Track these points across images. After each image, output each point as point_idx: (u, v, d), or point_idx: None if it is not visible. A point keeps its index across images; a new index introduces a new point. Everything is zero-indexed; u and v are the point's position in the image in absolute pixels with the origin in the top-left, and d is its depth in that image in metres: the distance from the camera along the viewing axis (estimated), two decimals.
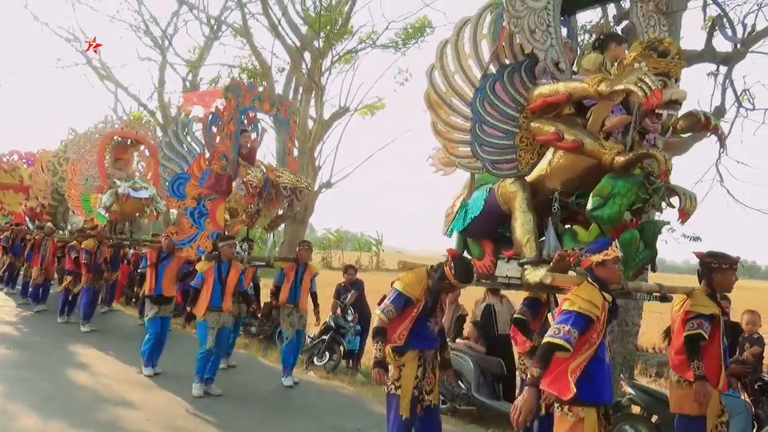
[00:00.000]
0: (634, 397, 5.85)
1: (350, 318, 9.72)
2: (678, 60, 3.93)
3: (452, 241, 5.38)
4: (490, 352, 7.56)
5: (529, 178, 4.59)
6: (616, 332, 7.84)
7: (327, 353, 9.55)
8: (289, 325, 8.13)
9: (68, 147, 13.71)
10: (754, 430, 5.67)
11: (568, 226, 4.59)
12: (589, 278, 3.76)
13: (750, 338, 6.14)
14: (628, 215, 4.08)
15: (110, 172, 11.25)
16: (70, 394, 7.05)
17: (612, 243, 3.75)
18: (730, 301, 5.48)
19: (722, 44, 11.38)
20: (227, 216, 8.54)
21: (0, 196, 16.39)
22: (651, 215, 4.90)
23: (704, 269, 4.54)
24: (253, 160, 8.63)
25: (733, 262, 4.49)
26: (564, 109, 4.32)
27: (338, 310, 9.84)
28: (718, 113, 9.01)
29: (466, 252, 5.24)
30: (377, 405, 7.39)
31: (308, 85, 17.96)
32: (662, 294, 4.36)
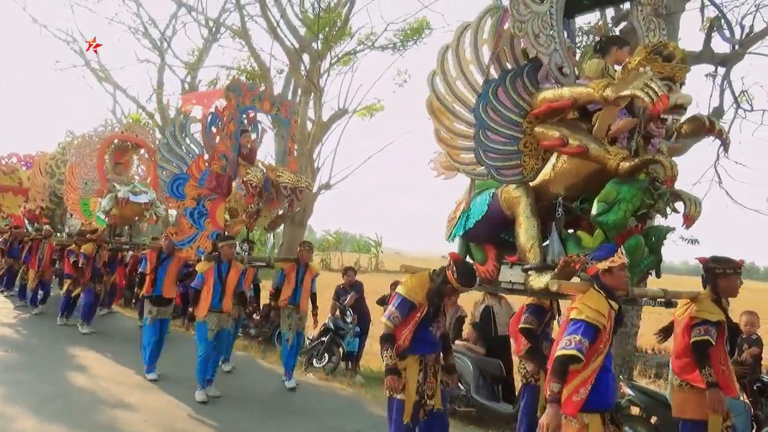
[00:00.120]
0: (634, 398, 5.85)
1: (349, 320, 9.71)
2: (683, 64, 3.91)
3: (452, 244, 5.35)
4: (489, 353, 7.54)
5: (533, 183, 4.56)
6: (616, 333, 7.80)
7: (326, 355, 9.54)
8: (289, 327, 8.09)
9: (66, 149, 13.72)
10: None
11: (571, 231, 4.56)
12: (595, 285, 3.74)
13: (748, 339, 6.14)
14: (633, 221, 4.06)
15: (110, 176, 11.23)
16: (69, 397, 7.03)
17: (618, 250, 3.73)
18: (729, 302, 5.48)
19: (720, 45, 11.42)
20: (227, 216, 8.50)
21: None
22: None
23: (708, 275, 4.51)
24: (253, 160, 8.60)
25: (738, 266, 4.46)
26: (568, 114, 4.30)
27: (337, 312, 9.83)
28: (717, 114, 8.98)
29: (469, 257, 5.21)
30: (376, 406, 7.41)
31: (307, 86, 17.91)
32: (667, 299, 4.34)
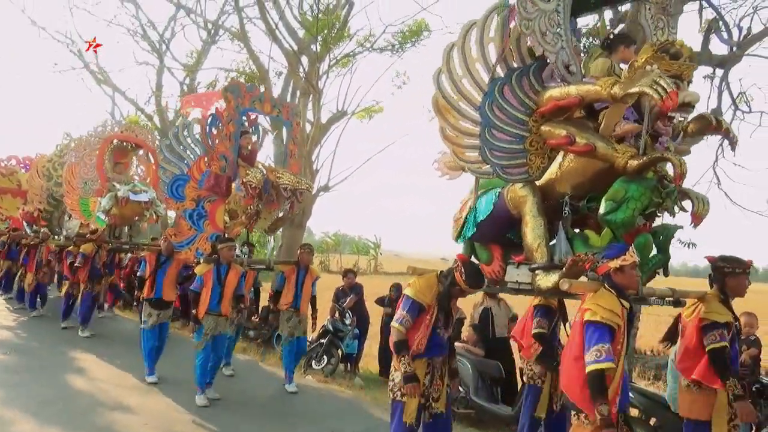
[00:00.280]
0: (633, 400, 5.82)
1: (348, 322, 9.69)
2: (690, 62, 3.89)
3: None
4: (488, 355, 7.53)
5: (539, 182, 4.53)
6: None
7: (325, 357, 9.51)
8: (288, 330, 8.03)
9: (63, 151, 13.66)
10: None
11: (577, 231, 4.54)
12: (606, 285, 3.71)
13: (747, 340, 6.12)
14: (641, 220, 4.03)
15: (110, 175, 11.17)
16: (68, 399, 6.98)
17: (630, 248, 3.70)
18: None
19: (718, 47, 11.41)
20: (226, 218, 8.45)
21: None
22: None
23: (716, 274, 4.46)
24: (253, 161, 8.54)
25: (746, 266, 4.40)
26: (575, 113, 4.28)
27: (336, 314, 9.79)
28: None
29: (474, 257, 5.18)
30: (376, 408, 7.42)
31: (306, 88, 17.91)
32: (675, 299, 4.31)
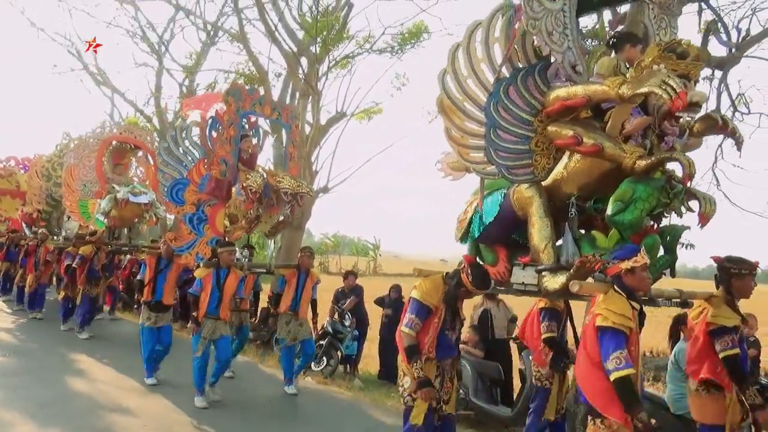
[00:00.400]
0: None
1: (347, 323, 9.67)
2: (697, 62, 3.85)
3: (447, 246, 5.29)
4: (487, 356, 7.51)
5: (545, 182, 4.50)
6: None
7: (324, 358, 9.48)
8: (287, 333, 7.95)
9: (63, 151, 13.61)
10: None
11: (583, 231, 4.51)
12: (615, 286, 3.67)
13: (746, 341, 6.08)
14: (648, 220, 4.00)
15: (109, 177, 11.12)
16: (67, 401, 6.95)
17: (641, 249, 3.66)
18: None
19: (717, 49, 11.42)
20: (227, 222, 8.41)
21: None
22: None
23: (722, 274, 4.41)
24: (253, 165, 8.50)
25: (753, 267, 4.35)
26: (581, 113, 4.25)
27: (336, 315, 9.76)
28: None
29: (479, 258, 5.15)
30: (375, 410, 7.42)
31: (305, 90, 17.83)
32: (683, 300, 4.28)
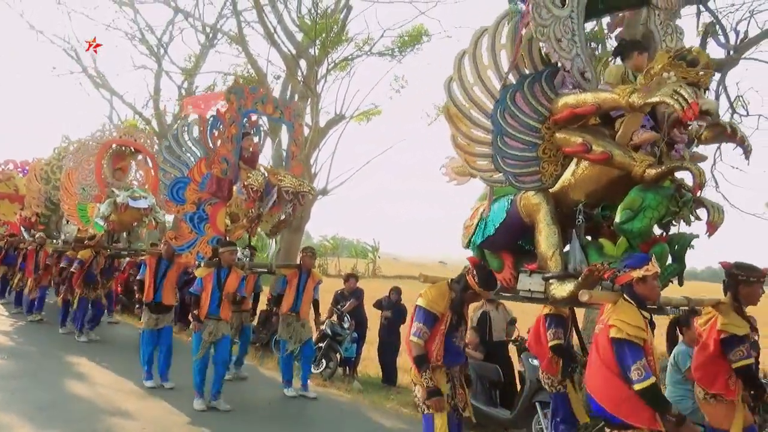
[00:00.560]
0: None
1: (347, 325, 9.64)
2: (708, 69, 3.81)
3: (446, 248, 5.28)
4: (486, 358, 7.49)
5: (552, 189, 4.47)
6: None
7: (323, 361, 9.44)
8: (289, 335, 7.92)
9: (62, 154, 13.56)
10: None
11: (589, 239, 4.47)
12: (625, 295, 3.63)
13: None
14: (657, 229, 3.98)
15: (109, 181, 11.06)
16: (66, 404, 6.93)
17: (651, 258, 3.62)
18: None
19: (715, 51, 11.42)
20: (228, 221, 8.37)
21: None
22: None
23: (730, 281, 4.36)
24: (255, 164, 8.47)
25: (761, 275, 4.32)
26: (590, 120, 4.23)
27: (334, 318, 9.72)
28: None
29: None
30: (374, 413, 7.45)
31: (304, 92, 17.79)
32: (691, 307, 4.26)
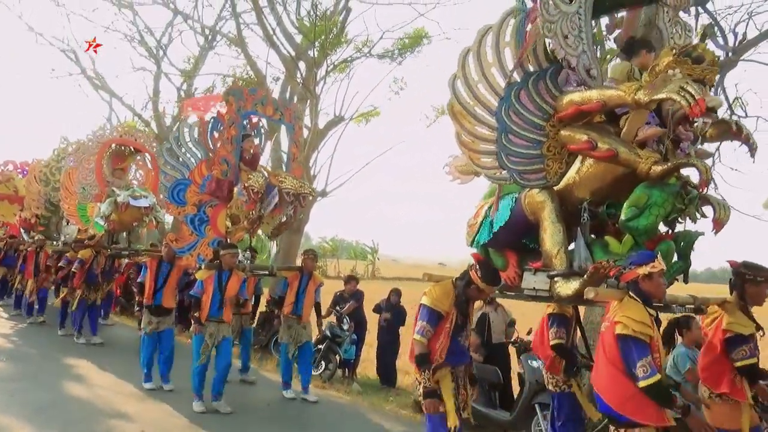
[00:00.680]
0: None
1: (346, 327, 9.63)
2: (713, 66, 3.80)
3: (445, 250, 5.25)
4: (486, 360, 7.49)
5: (557, 187, 4.46)
6: None
7: (323, 362, 9.41)
8: (290, 338, 7.88)
9: (61, 155, 13.51)
10: None
11: (593, 237, 4.47)
12: (631, 292, 3.61)
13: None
14: (663, 226, 3.96)
15: (108, 180, 11.02)
16: (65, 406, 6.90)
17: (657, 255, 3.61)
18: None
19: (714, 53, 11.49)
20: (228, 223, 8.33)
21: None
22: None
23: (737, 279, 4.35)
24: (255, 165, 8.44)
25: None
26: (595, 117, 4.21)
27: (333, 319, 9.71)
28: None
29: None
30: (373, 414, 7.42)
31: (303, 94, 17.80)
32: (696, 306, 4.24)
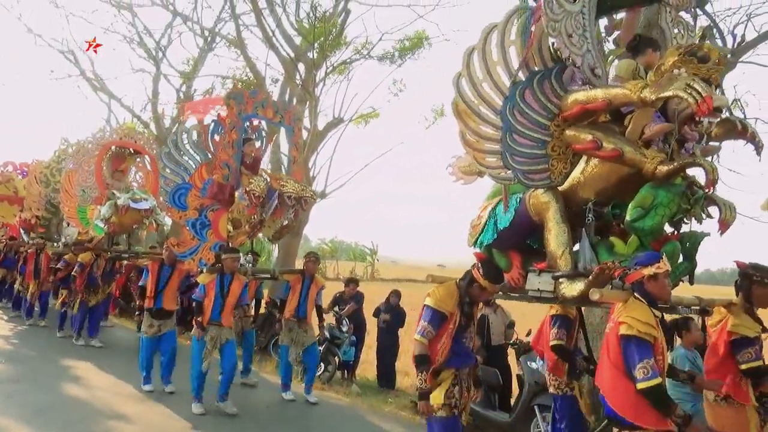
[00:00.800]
0: None
1: (345, 329, 9.62)
2: (719, 66, 3.77)
3: (444, 252, 5.23)
4: (485, 362, 7.45)
5: (562, 187, 4.43)
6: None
7: (322, 364, 9.38)
8: (291, 341, 7.85)
9: (61, 157, 13.48)
10: None
11: (598, 237, 4.43)
12: (636, 294, 3.57)
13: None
14: (668, 227, 3.93)
15: (108, 182, 10.99)
16: (64, 408, 6.89)
17: (663, 256, 3.57)
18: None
19: None
20: (230, 227, 8.31)
21: None
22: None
23: (744, 281, 4.30)
24: (256, 169, 8.42)
25: None
26: (600, 117, 4.19)
27: (333, 320, 9.69)
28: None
29: None
30: (372, 416, 7.42)
31: (302, 95, 17.79)
32: (702, 307, 4.21)
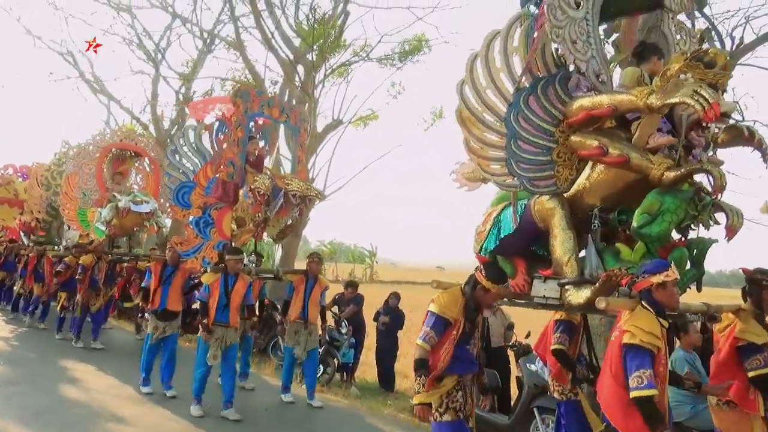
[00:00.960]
0: None
1: (344, 331, 9.62)
2: (725, 71, 3.75)
3: (443, 254, 5.19)
4: (485, 364, 7.42)
5: (567, 194, 4.40)
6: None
7: (321, 366, 9.35)
8: (296, 343, 7.83)
9: (62, 159, 13.46)
10: None
11: (604, 244, 4.40)
12: (643, 302, 3.55)
13: None
14: (675, 234, 3.91)
15: (109, 185, 10.97)
16: (62, 410, 6.89)
17: (671, 264, 3.54)
18: None
19: None
20: (234, 225, 8.26)
21: None
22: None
23: (752, 287, 4.29)
24: (261, 167, 8.41)
25: None
26: (605, 123, 4.17)
27: (332, 322, 9.69)
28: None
29: None
30: (372, 418, 7.42)
31: (301, 97, 17.75)
32: (710, 314, 4.18)
